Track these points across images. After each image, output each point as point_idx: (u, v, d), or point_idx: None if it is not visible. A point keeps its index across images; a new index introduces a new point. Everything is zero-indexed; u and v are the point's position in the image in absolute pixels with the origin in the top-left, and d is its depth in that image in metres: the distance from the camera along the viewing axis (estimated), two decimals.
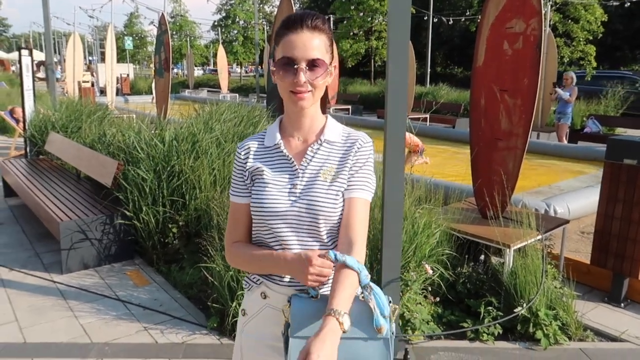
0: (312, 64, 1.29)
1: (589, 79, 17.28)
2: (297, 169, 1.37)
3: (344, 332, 1.14)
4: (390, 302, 1.24)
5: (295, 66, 1.29)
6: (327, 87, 1.42)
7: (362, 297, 1.23)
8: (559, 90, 9.97)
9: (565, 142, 10.19)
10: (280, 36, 1.32)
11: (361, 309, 1.21)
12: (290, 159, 1.38)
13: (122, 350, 3.07)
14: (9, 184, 6.23)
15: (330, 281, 1.25)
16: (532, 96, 3.59)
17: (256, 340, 1.41)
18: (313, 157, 1.38)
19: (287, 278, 1.37)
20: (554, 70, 11.23)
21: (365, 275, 1.22)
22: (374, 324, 1.19)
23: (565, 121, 10.09)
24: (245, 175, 1.42)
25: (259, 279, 1.42)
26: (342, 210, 1.35)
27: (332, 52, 1.36)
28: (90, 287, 3.93)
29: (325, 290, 1.32)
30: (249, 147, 1.44)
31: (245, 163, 1.42)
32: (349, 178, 1.36)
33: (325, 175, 1.35)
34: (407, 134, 7.99)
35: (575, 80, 10.16)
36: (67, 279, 4.10)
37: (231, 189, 1.46)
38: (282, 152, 1.39)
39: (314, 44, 1.29)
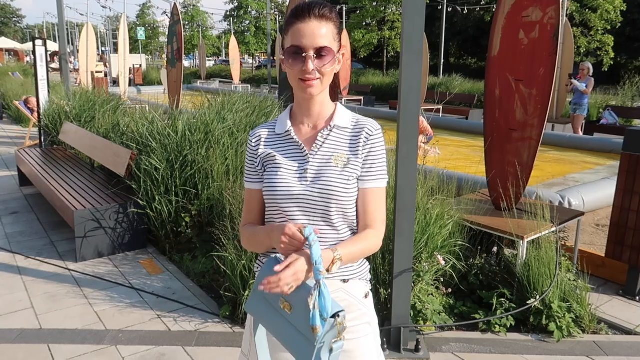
0: (320, 52, 1.32)
1: (606, 69, 17.00)
2: (307, 155, 1.40)
3: (327, 271, 1.24)
4: (338, 315, 1.17)
5: (304, 54, 1.32)
6: (338, 75, 1.45)
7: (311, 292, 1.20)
8: (574, 81, 9.82)
9: (581, 133, 10.05)
10: (289, 25, 1.35)
11: (304, 299, 1.20)
12: (301, 145, 1.42)
13: (136, 338, 3.10)
14: (25, 173, 6.30)
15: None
16: (548, 86, 3.54)
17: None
18: (323, 142, 1.41)
19: None
20: (571, 61, 11.04)
21: (319, 271, 1.18)
22: (309, 321, 1.15)
23: (581, 112, 9.94)
24: (256, 162, 1.46)
25: None
26: (355, 195, 1.39)
27: (340, 40, 1.39)
28: (105, 275, 3.98)
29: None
30: (260, 135, 1.48)
31: (257, 150, 1.47)
32: (363, 168, 1.39)
33: (337, 161, 1.38)
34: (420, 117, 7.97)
35: (591, 70, 9.99)
36: (82, 267, 4.15)
37: (245, 176, 1.51)
38: (292, 138, 1.43)
39: (321, 32, 1.32)
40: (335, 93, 1.49)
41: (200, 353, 2.94)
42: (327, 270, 1.24)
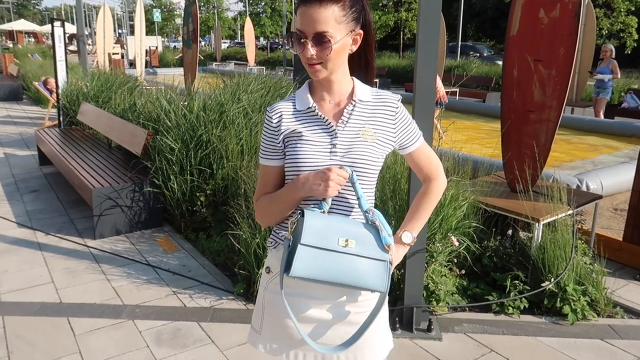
0: (318, 39, 1.28)
1: (629, 52, 16.55)
2: (334, 130, 1.38)
3: (404, 244, 1.44)
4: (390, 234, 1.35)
5: (303, 40, 1.30)
6: (371, 55, 1.45)
7: (367, 220, 1.35)
8: (598, 75, 9.58)
9: (602, 117, 9.84)
10: (298, 6, 1.33)
11: (365, 231, 1.32)
12: (327, 120, 1.39)
13: (153, 313, 3.17)
14: (44, 153, 6.41)
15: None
16: (567, 67, 3.47)
17: (290, 295, 1.42)
18: (349, 117, 1.40)
19: None
20: (592, 43, 10.78)
21: (365, 201, 1.35)
22: (382, 242, 1.31)
23: (604, 95, 9.72)
24: (277, 139, 1.41)
25: (284, 235, 1.44)
26: (378, 171, 1.43)
27: (354, 19, 1.32)
28: (122, 252, 4.06)
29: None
30: (280, 112, 1.42)
31: (279, 126, 1.41)
32: (402, 138, 1.46)
33: (365, 135, 1.39)
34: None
35: (614, 52, 9.73)
36: (100, 243, 4.23)
37: (260, 153, 1.47)
38: (317, 114, 1.40)
39: (321, 16, 1.26)
40: (369, 74, 1.48)
41: (214, 328, 2.99)
42: (403, 244, 1.46)
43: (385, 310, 1.48)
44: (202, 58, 23.00)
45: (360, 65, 1.46)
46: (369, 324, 1.35)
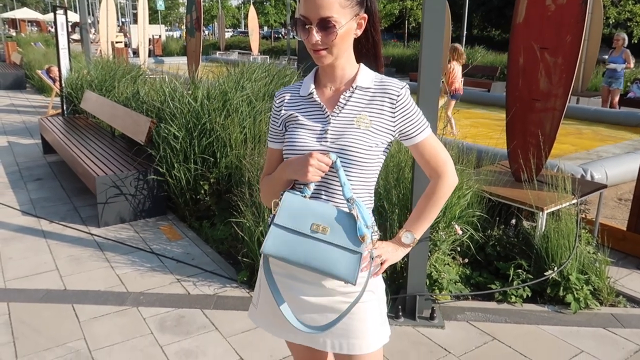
0: (323, 24, 1.28)
1: (636, 41, 16.38)
2: (328, 116, 1.39)
3: (403, 245, 1.45)
4: (373, 224, 1.35)
5: (307, 26, 1.29)
6: (378, 42, 1.43)
7: (347, 208, 1.33)
8: (612, 65, 9.47)
9: (618, 107, 9.71)
10: None
11: (344, 219, 1.31)
12: (323, 106, 1.41)
13: (157, 300, 3.19)
14: (48, 141, 6.42)
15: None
16: (574, 55, 3.43)
17: (277, 273, 1.46)
18: (345, 104, 1.39)
19: None
20: (599, 33, 10.66)
21: (349, 189, 1.33)
22: (357, 232, 1.29)
23: (617, 86, 9.60)
24: (278, 122, 1.48)
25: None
26: (376, 160, 1.39)
27: (359, 3, 1.32)
28: (126, 240, 4.07)
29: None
30: (284, 96, 1.49)
31: (280, 111, 1.48)
32: (402, 129, 1.39)
33: (359, 122, 1.36)
34: (455, 66, 7.63)
35: (627, 41, 9.61)
36: (104, 231, 4.25)
37: (268, 136, 1.52)
38: (315, 100, 1.42)
39: (325, 1, 1.26)
40: (377, 61, 1.46)
41: (218, 315, 3.01)
42: (402, 244, 1.46)
43: (378, 304, 1.46)
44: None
45: (368, 51, 1.45)
46: (347, 312, 1.35)
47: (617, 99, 9.71)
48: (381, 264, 1.42)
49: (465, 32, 20.31)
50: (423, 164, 1.45)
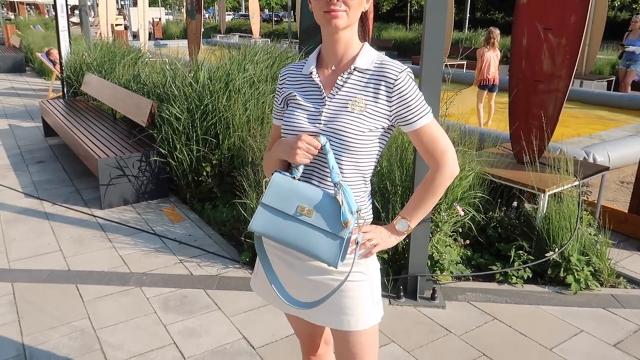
0: None
1: None
2: (325, 97, 1.39)
3: (397, 232, 1.42)
4: (359, 210, 1.33)
5: None
6: (367, 15, 1.41)
7: (333, 192, 1.33)
8: (630, 47, 9.37)
9: (629, 89, 9.65)
10: None
11: (329, 204, 1.32)
12: (320, 87, 1.41)
13: (160, 280, 3.21)
14: (49, 124, 6.41)
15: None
16: (578, 35, 3.40)
17: (272, 247, 1.49)
18: (342, 86, 1.38)
19: None
20: (603, 15, 10.53)
21: (337, 174, 1.32)
22: (340, 218, 1.29)
23: (635, 67, 9.53)
24: (279, 99, 1.52)
25: None
26: (370, 145, 1.36)
27: None
28: (128, 222, 4.09)
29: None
30: (286, 74, 1.52)
31: (282, 88, 1.51)
32: (399, 113, 1.36)
33: (353, 106, 1.35)
34: (491, 54, 7.41)
35: None
36: (106, 213, 4.26)
37: (273, 111, 1.57)
38: (314, 80, 1.42)
39: None
40: (364, 33, 1.44)
41: (221, 295, 3.03)
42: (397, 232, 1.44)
43: (370, 284, 1.45)
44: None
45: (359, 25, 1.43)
46: (334, 292, 1.36)
47: (630, 80, 9.66)
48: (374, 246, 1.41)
49: (468, 15, 20.13)
50: (422, 152, 1.40)
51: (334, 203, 1.31)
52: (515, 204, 3.78)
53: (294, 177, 1.37)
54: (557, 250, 3.14)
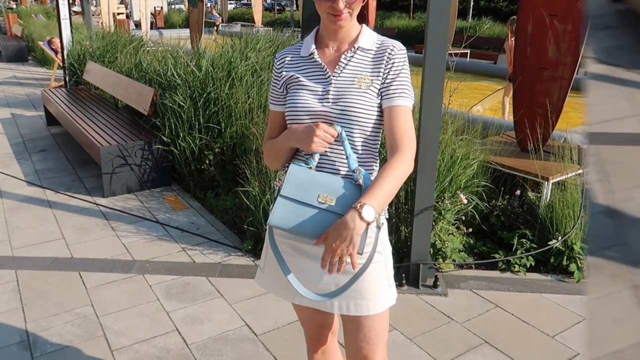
0: None
1: None
2: (330, 76, 1.39)
3: (367, 222, 1.22)
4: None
5: None
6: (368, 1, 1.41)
7: (352, 179, 1.34)
8: None
9: None
10: None
11: (348, 190, 1.31)
12: (324, 67, 1.41)
13: (162, 268, 3.22)
14: (51, 113, 6.40)
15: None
16: (584, 22, 3.36)
17: (284, 241, 1.45)
18: (346, 64, 1.39)
19: None
20: None
21: (354, 160, 1.34)
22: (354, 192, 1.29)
23: None
24: (279, 84, 1.48)
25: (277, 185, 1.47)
26: (378, 118, 1.38)
27: None
28: (131, 210, 4.09)
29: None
30: (284, 58, 1.49)
31: (280, 72, 1.48)
32: (385, 87, 1.37)
33: (360, 82, 1.36)
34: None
35: None
36: (109, 201, 4.27)
37: (269, 98, 1.52)
38: (316, 61, 1.42)
39: None
40: (363, 17, 1.44)
41: (223, 283, 3.04)
42: (365, 222, 1.23)
43: (385, 265, 1.45)
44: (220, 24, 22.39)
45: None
46: (356, 279, 1.32)
47: None
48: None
49: (472, 3, 19.96)
50: (388, 133, 1.35)
51: (353, 188, 1.30)
52: (518, 192, 3.76)
53: (309, 167, 1.36)
54: (560, 238, 3.13)
